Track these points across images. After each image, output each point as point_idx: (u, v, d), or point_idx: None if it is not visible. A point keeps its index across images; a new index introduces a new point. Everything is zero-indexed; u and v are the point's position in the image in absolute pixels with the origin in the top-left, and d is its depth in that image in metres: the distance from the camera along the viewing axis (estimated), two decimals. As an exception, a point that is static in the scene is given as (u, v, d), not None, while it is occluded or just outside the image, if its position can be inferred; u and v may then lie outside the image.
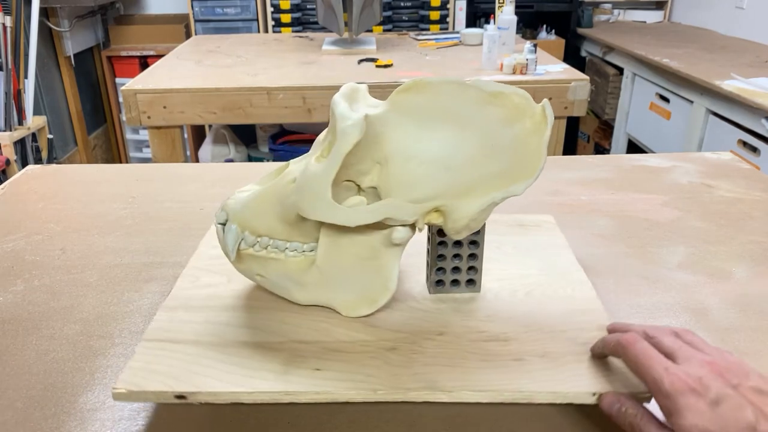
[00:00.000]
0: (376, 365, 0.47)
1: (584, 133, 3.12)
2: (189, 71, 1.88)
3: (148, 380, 0.44)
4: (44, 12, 2.68)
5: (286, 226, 0.51)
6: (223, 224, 0.52)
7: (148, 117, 1.69)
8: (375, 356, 0.48)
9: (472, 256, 0.56)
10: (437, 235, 0.55)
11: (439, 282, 0.57)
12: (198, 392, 0.44)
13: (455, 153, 0.47)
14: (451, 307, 0.55)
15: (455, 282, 0.57)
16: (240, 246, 0.52)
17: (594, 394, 0.45)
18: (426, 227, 0.53)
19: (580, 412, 0.47)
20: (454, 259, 0.56)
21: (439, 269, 0.56)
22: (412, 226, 0.50)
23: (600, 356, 0.47)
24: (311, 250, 0.52)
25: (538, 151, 0.46)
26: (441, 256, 0.56)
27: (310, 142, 0.62)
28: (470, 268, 0.57)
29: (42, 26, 2.62)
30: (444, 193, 0.48)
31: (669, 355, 0.42)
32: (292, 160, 0.52)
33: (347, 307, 0.53)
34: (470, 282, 0.57)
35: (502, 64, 1.81)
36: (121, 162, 3.38)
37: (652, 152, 2.20)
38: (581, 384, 0.45)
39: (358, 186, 0.49)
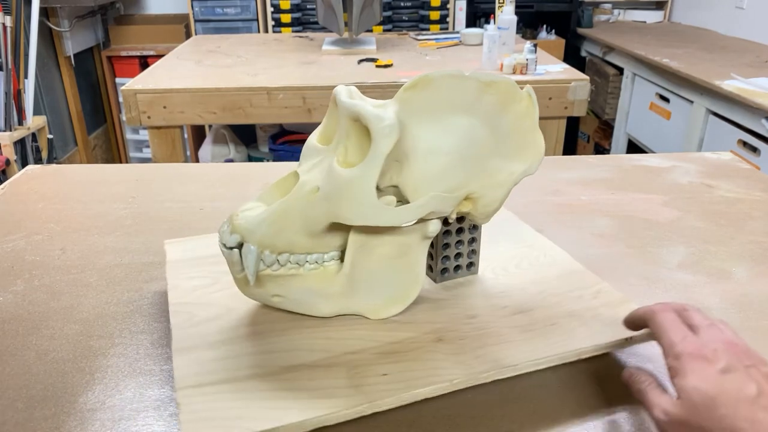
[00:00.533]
0: (436, 358, 0.48)
1: (584, 133, 3.12)
2: (189, 71, 1.88)
3: (216, 429, 0.41)
4: (44, 12, 2.68)
5: (307, 238, 0.49)
6: (236, 247, 0.48)
7: (148, 117, 1.69)
8: (429, 349, 0.49)
9: (472, 239, 0.58)
10: (443, 224, 0.56)
11: (444, 270, 0.58)
12: (280, 427, 0.41)
13: (469, 141, 0.49)
14: (462, 291, 0.57)
15: (457, 267, 0.59)
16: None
17: (627, 339, 0.50)
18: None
19: (578, 411, 0.47)
20: (457, 245, 0.58)
21: (445, 257, 0.58)
22: (441, 218, 0.52)
23: (631, 325, 0.49)
24: (332, 260, 0.51)
25: (534, 132, 0.51)
26: (446, 245, 0.57)
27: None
28: (471, 251, 0.59)
29: (42, 26, 2.62)
30: (470, 181, 0.50)
31: (693, 328, 0.43)
32: (297, 171, 0.50)
33: (375, 311, 0.53)
34: (470, 265, 0.60)
35: (502, 64, 1.81)
36: (121, 162, 3.38)
37: (652, 152, 2.20)
38: (614, 333, 0.51)
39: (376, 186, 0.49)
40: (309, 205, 0.47)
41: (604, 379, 0.51)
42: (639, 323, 0.47)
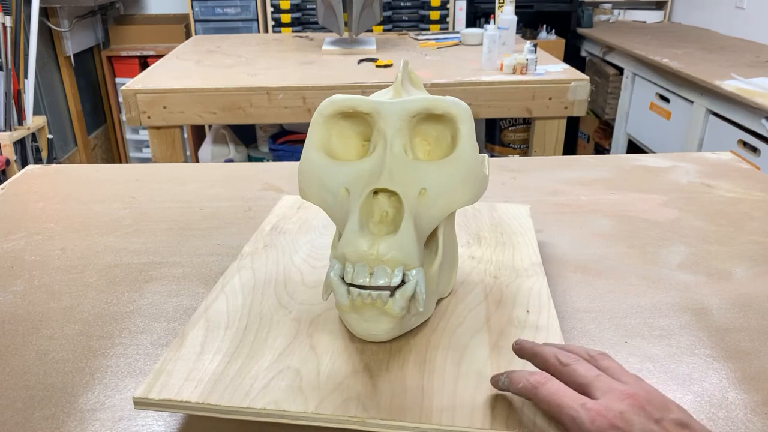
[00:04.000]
0: (523, 280, 0.59)
1: (584, 133, 3.12)
2: (189, 71, 1.88)
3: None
4: (44, 12, 2.68)
5: (422, 243, 0.48)
6: (401, 284, 0.45)
7: (148, 117, 1.69)
8: (505, 283, 0.58)
9: None
10: None
11: None
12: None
13: None
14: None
15: None
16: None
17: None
18: None
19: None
20: None
21: None
22: None
23: (502, 390, 0.43)
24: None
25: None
26: None
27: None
28: None
29: (42, 26, 2.62)
30: None
31: (584, 387, 0.39)
32: (377, 186, 0.47)
33: (447, 287, 0.55)
34: None
35: (502, 64, 1.81)
36: (121, 162, 3.38)
37: (652, 152, 2.20)
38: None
39: None
40: (426, 209, 0.48)
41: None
42: (515, 393, 0.42)
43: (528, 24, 3.02)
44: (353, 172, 0.49)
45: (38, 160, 2.42)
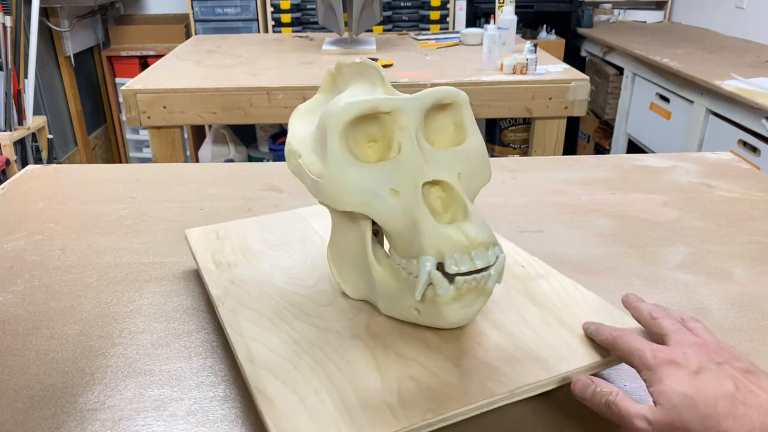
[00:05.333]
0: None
1: (584, 133, 3.12)
2: (189, 71, 1.88)
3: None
4: (44, 12, 2.68)
5: None
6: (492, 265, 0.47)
7: (148, 117, 1.69)
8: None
9: None
10: None
11: None
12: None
13: None
14: None
15: None
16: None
17: None
18: None
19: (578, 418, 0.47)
20: None
21: None
22: None
23: (589, 336, 0.49)
24: None
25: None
26: None
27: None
28: None
29: (42, 26, 2.62)
30: None
31: (663, 337, 0.44)
32: (423, 179, 0.48)
33: None
34: None
35: (502, 64, 1.81)
36: (121, 162, 3.38)
37: (652, 152, 2.20)
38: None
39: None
40: (468, 190, 0.51)
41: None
42: (599, 342, 0.47)
43: (528, 24, 3.02)
44: (393, 171, 0.48)
45: (38, 160, 2.42)
